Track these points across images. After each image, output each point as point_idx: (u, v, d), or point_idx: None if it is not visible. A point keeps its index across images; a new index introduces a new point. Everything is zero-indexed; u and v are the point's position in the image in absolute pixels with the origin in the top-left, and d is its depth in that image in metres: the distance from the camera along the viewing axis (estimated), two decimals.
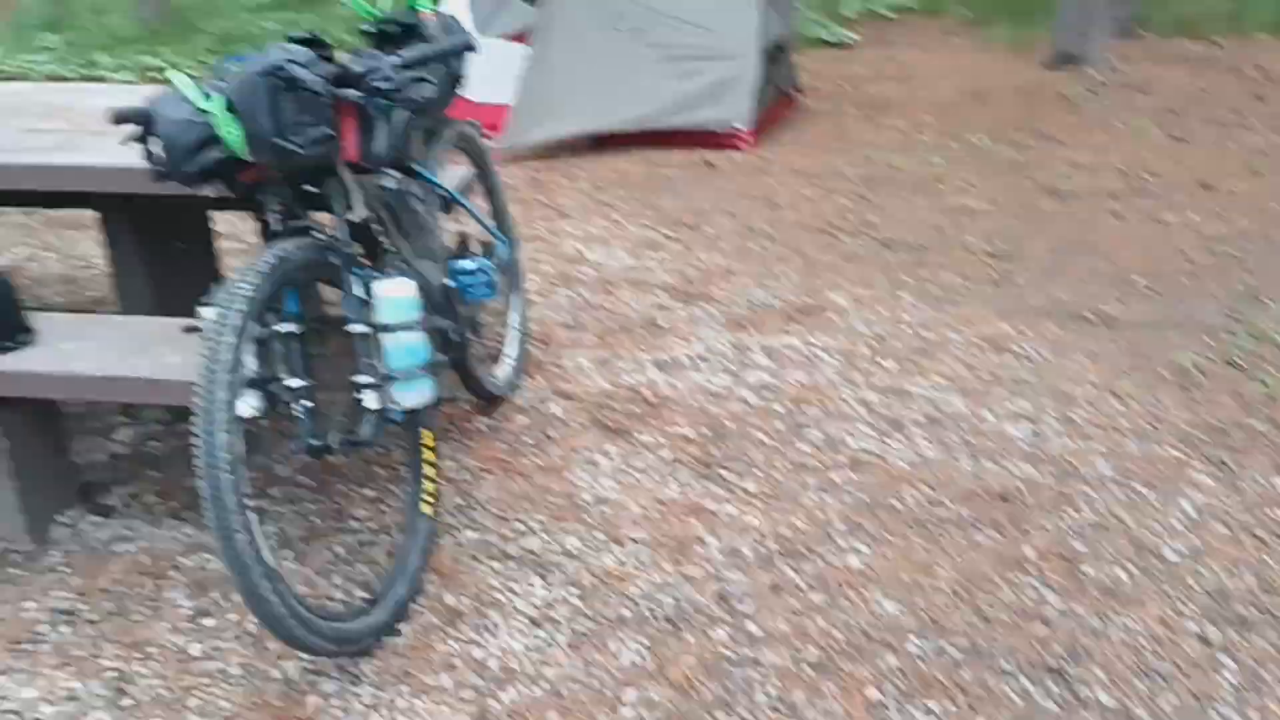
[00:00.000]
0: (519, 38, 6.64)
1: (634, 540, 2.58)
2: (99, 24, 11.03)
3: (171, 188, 2.24)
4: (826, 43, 8.84)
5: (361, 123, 2.30)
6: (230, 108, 2.11)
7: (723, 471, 2.85)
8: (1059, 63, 7.49)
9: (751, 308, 3.88)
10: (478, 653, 2.25)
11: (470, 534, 2.61)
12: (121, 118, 2.21)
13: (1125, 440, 2.94)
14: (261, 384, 2.17)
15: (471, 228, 3.16)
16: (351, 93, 2.20)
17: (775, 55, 6.36)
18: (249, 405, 2.12)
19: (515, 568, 2.49)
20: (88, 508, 2.74)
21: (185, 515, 2.69)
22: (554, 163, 5.83)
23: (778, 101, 6.53)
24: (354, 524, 2.67)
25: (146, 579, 2.48)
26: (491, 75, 6.16)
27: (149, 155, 2.20)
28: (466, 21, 6.65)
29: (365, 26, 2.74)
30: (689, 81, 6.02)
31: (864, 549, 2.52)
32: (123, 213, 2.98)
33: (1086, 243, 4.47)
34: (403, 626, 2.31)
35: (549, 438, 3.02)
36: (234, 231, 4.18)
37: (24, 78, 8.68)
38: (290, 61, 2.11)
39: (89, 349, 2.48)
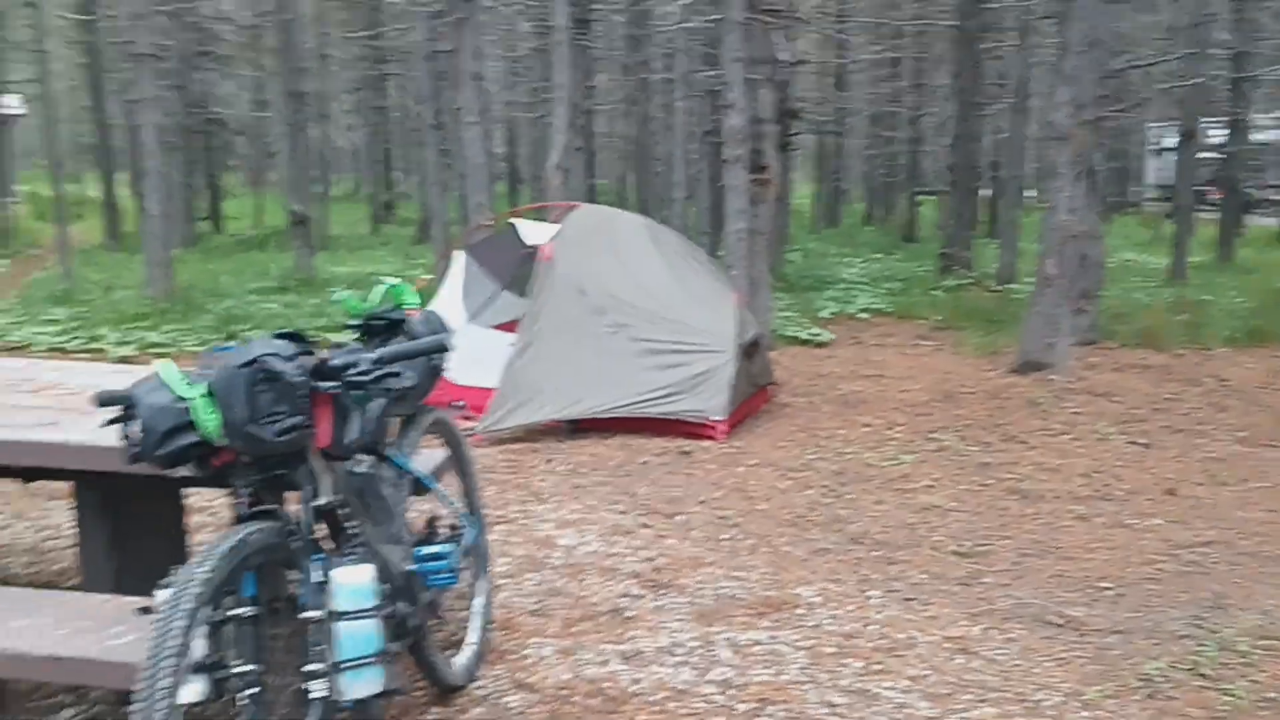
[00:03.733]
0: (508, 326, 6.95)
1: None
2: (107, 300, 11.49)
3: (144, 467, 2.31)
4: (803, 341, 9.24)
5: (336, 412, 2.39)
6: (210, 395, 2.22)
7: None
8: (1025, 369, 7.79)
9: (719, 600, 3.86)
10: None
11: None
12: (105, 401, 2.30)
13: None
14: (209, 669, 2.14)
15: (442, 511, 3.21)
16: (327, 385, 2.30)
17: (751, 351, 6.64)
18: (193, 691, 2.09)
19: None
20: None
21: None
22: (534, 445, 5.95)
23: (754, 395, 6.75)
24: None
25: None
26: (479, 360, 6.42)
27: (126, 437, 2.28)
28: (459, 310, 6.98)
29: (351, 321, 2.91)
30: (668, 373, 6.24)
31: None
32: (94, 486, 3.02)
33: (1052, 545, 4.52)
34: None
35: None
36: (210, 506, 4.21)
37: (26, 349, 8.97)
38: (271, 354, 2.23)
39: (38, 626, 2.46)
